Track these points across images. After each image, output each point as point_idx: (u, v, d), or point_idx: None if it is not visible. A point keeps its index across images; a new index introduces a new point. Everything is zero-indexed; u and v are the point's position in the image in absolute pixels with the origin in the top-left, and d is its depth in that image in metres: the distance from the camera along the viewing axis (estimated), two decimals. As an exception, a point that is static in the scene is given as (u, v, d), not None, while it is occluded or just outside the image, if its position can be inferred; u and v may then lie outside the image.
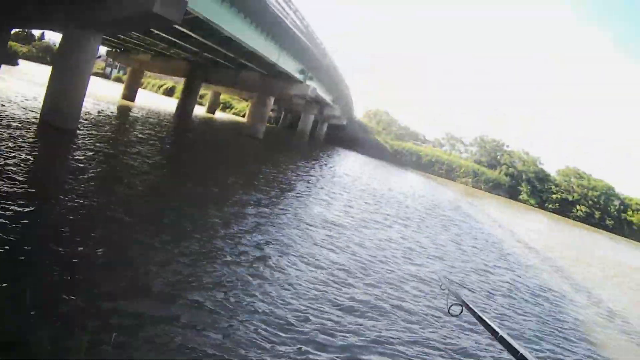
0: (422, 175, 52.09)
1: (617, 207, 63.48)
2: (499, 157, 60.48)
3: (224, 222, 7.66)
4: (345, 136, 53.83)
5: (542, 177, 59.45)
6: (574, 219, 58.90)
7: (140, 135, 15.74)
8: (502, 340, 1.28)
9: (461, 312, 1.68)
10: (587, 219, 59.80)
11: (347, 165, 31.95)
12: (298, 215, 10.14)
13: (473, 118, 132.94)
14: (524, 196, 58.34)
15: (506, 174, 58.72)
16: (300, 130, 43.87)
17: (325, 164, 26.83)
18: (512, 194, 57.81)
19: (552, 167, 69.78)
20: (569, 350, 6.76)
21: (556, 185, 59.83)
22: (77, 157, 9.37)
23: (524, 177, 58.79)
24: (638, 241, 62.53)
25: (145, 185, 9.18)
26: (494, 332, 1.35)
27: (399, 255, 9.24)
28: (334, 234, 9.28)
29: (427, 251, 10.62)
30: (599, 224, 60.90)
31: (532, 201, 58.38)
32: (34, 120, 11.76)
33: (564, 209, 59.36)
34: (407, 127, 64.00)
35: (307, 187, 15.02)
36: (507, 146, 61.41)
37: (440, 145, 63.60)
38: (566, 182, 60.59)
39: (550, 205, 58.90)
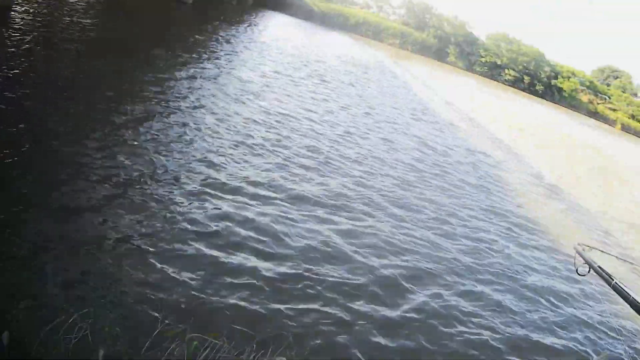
0: (350, 36, 49.34)
1: (547, 74, 63.64)
2: (427, 19, 57.32)
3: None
4: None
5: (471, 41, 57.83)
6: (502, 83, 58.79)
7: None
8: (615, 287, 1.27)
9: (589, 271, 1.70)
10: (516, 83, 59.88)
11: (276, 29, 30.23)
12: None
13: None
14: (451, 58, 56.84)
15: (434, 37, 56.35)
16: None
17: (255, 27, 26.05)
18: (440, 56, 56.31)
19: (481, 32, 67.54)
20: None
21: (485, 50, 58.40)
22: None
23: (452, 40, 56.71)
24: (567, 107, 64.54)
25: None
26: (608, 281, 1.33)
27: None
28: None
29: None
30: (529, 89, 61.37)
31: (460, 64, 57.25)
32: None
33: (492, 72, 58.87)
34: (335, -12, 58.43)
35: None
36: (436, 9, 58.07)
37: (367, 7, 59.30)
38: (495, 46, 59.18)
39: (478, 69, 58.09)
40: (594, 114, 66.71)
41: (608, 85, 71.45)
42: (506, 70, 59.06)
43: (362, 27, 54.12)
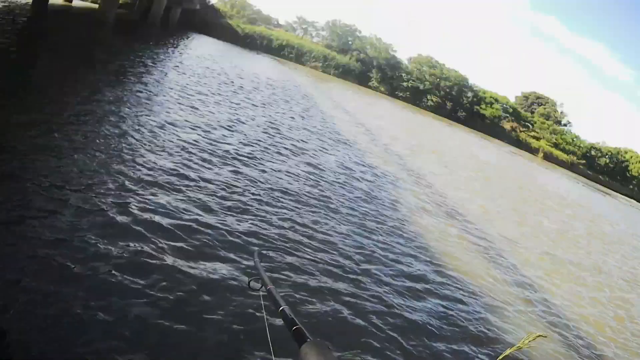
0: (272, 59, 49.86)
1: (469, 99, 65.70)
2: (350, 42, 58.62)
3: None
4: (198, 21, 51.29)
5: (394, 64, 59.29)
6: (424, 109, 60.11)
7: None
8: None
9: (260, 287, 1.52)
10: (438, 110, 61.33)
11: (199, 50, 30.11)
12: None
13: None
14: (374, 83, 58.13)
15: (357, 60, 57.67)
16: (152, 15, 39.91)
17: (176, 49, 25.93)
18: (362, 80, 57.34)
19: (404, 55, 69.63)
20: None
21: (407, 74, 60.00)
22: None
23: (375, 63, 58.12)
24: (488, 134, 66.31)
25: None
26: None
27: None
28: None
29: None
30: (451, 116, 62.91)
31: (382, 88, 58.46)
32: None
33: (415, 97, 60.25)
34: (260, 11, 59.49)
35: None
36: (360, 32, 59.66)
37: (292, 30, 60.30)
38: (418, 70, 60.91)
39: (401, 94, 59.31)
40: (518, 142, 68.99)
41: (532, 112, 74.47)
42: (428, 96, 60.61)
43: (285, 49, 54.66)
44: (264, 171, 7.71)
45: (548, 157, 70.38)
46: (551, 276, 8.84)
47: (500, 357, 2.62)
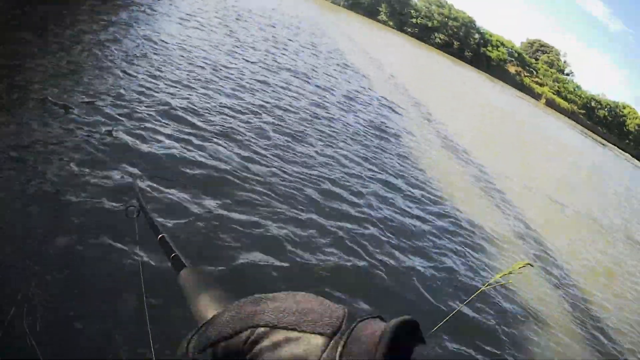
0: None
1: (476, 41, 65.60)
2: (359, -27, 57.63)
3: None
4: None
5: (403, 1, 58.29)
6: (432, 45, 60.02)
7: None
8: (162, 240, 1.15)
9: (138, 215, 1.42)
10: (445, 47, 61.29)
11: None
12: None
13: None
14: (382, 16, 57.36)
15: (366, -8, 56.58)
16: None
17: None
18: (372, 13, 56.43)
19: None
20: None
21: (416, 10, 59.34)
22: None
23: (384, -4, 57.18)
24: (494, 76, 66.47)
25: None
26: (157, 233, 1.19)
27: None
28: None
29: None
30: (457, 54, 62.95)
31: (391, 23, 57.79)
32: None
33: (422, 34, 59.91)
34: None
35: None
36: (370, -38, 58.32)
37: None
38: (427, 8, 60.23)
39: (409, 29, 58.92)
40: (522, 86, 69.64)
41: (536, 59, 74.84)
42: (436, 34, 60.40)
43: (294, -24, 53.48)
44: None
45: (550, 104, 71.25)
46: (549, 218, 8.86)
47: (492, 280, 2.76)
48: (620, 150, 67.94)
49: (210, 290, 0.78)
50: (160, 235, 1.15)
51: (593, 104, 79.11)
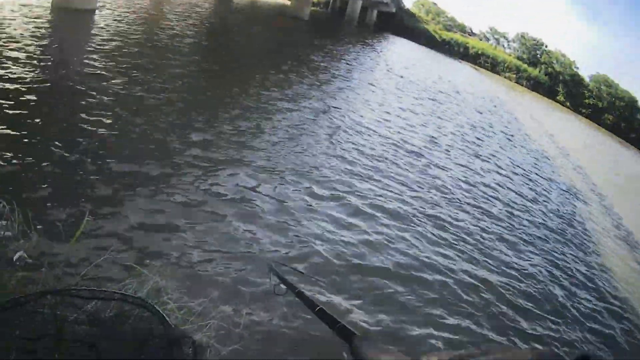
0: (470, 66, 52.41)
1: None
2: (538, 55, 60.59)
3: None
4: (395, 24, 53.83)
5: (577, 81, 60.44)
6: (604, 127, 60.86)
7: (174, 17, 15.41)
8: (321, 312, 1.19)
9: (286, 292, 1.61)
10: (615, 129, 61.88)
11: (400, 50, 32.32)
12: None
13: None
14: (561, 97, 59.59)
15: (545, 74, 59.34)
16: (348, 15, 42.42)
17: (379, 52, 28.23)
18: (551, 94, 58.92)
19: (584, 72, 69.69)
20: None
21: (589, 91, 60.97)
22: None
23: (560, 78, 59.60)
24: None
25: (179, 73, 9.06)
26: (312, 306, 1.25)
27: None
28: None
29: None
30: (625, 136, 63.07)
31: (568, 103, 59.80)
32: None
33: (595, 115, 61.15)
34: (454, 18, 62.65)
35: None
36: (546, 46, 61.42)
37: (485, 39, 63.02)
38: (597, 89, 61.61)
39: (583, 110, 60.47)
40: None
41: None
42: (606, 115, 61.66)
43: (482, 57, 57.67)
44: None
45: None
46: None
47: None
48: None
49: (393, 354, 0.80)
50: (318, 308, 1.17)
51: None
